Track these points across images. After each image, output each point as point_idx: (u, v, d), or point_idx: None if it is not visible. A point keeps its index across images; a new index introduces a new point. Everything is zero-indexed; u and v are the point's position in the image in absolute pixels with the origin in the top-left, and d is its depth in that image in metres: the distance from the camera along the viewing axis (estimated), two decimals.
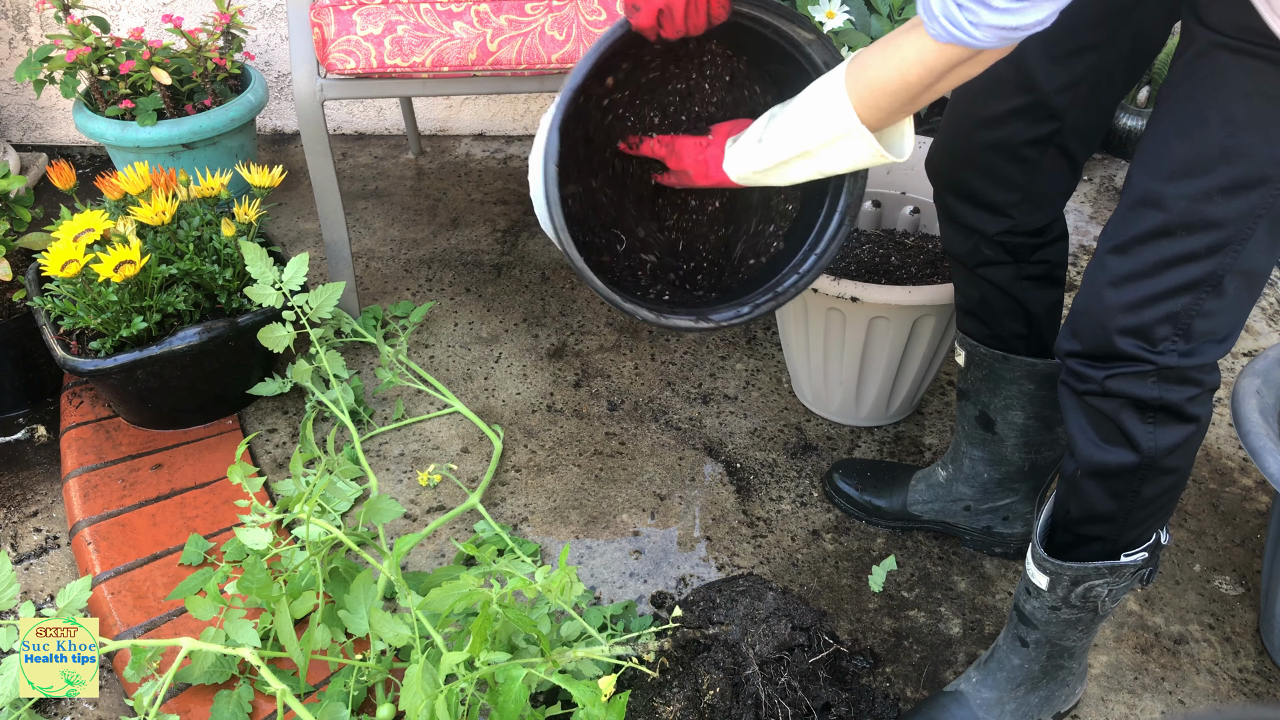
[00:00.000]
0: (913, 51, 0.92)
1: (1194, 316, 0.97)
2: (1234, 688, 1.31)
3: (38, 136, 2.69)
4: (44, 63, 2.02)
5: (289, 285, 1.59)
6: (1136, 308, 0.98)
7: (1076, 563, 1.10)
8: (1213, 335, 0.99)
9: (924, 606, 1.42)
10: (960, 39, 0.85)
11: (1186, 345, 0.98)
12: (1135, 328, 0.99)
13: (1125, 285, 0.98)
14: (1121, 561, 1.09)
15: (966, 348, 1.35)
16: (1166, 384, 1.00)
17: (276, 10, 2.53)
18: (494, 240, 2.26)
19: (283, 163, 2.32)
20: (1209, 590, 1.44)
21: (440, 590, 1.04)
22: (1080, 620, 1.16)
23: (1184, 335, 0.98)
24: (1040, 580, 1.14)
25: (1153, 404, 1.01)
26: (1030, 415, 1.34)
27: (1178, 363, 0.99)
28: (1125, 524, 1.09)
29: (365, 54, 1.64)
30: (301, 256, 1.60)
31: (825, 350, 1.63)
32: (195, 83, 2.11)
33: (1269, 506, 1.57)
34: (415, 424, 1.74)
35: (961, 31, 0.84)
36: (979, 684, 1.23)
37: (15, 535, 1.58)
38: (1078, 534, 1.12)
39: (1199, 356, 0.99)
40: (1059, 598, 1.13)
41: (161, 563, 1.46)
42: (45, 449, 1.74)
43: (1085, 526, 1.10)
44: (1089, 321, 1.02)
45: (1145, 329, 0.98)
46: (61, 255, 1.47)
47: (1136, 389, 1.01)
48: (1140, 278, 0.97)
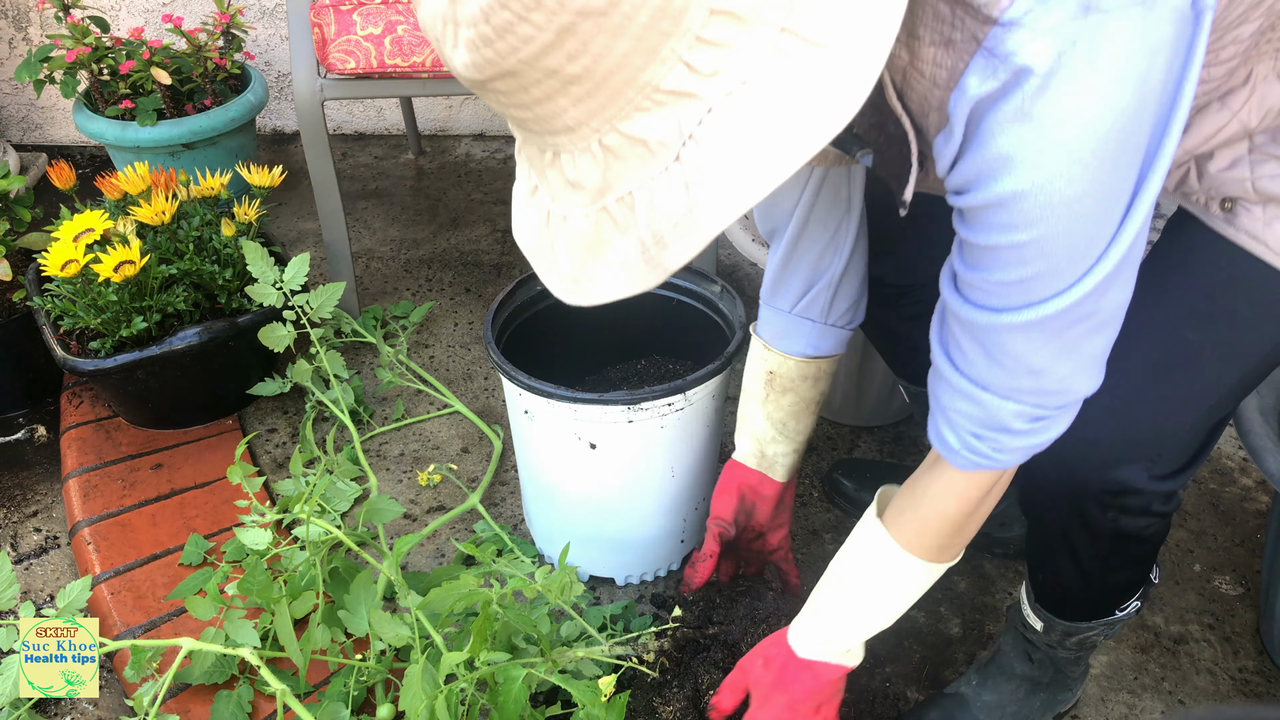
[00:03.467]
0: (942, 486, 0.91)
1: (1174, 443, 0.93)
2: (1234, 688, 1.31)
3: (38, 136, 2.69)
4: (44, 63, 2.02)
5: (290, 285, 1.59)
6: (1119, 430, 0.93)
7: (1069, 621, 1.12)
8: (1187, 463, 0.95)
9: (924, 606, 1.42)
10: (986, 465, 0.85)
11: (1160, 469, 0.94)
12: (1114, 445, 0.93)
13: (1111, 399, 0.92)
14: (1117, 616, 1.11)
15: (903, 388, 1.39)
16: (1125, 513, 0.96)
17: (276, 10, 2.53)
18: (494, 240, 2.26)
19: (283, 163, 2.33)
20: (1209, 590, 1.44)
21: (440, 590, 1.04)
22: (1080, 658, 1.19)
23: (1158, 459, 0.93)
24: (1036, 624, 1.15)
25: (1105, 530, 0.98)
26: None
27: (1145, 485, 0.93)
28: (1103, 601, 1.10)
29: (365, 54, 1.64)
30: (303, 256, 1.60)
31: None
32: (195, 83, 2.11)
33: (1269, 506, 1.57)
34: (415, 424, 1.74)
35: (987, 459, 0.84)
36: (979, 687, 1.23)
37: (15, 535, 1.58)
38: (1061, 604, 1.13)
39: (1169, 483, 0.94)
40: (1055, 640, 1.15)
41: (161, 563, 1.46)
42: (45, 449, 1.74)
43: (1064, 602, 1.12)
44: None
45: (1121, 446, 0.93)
46: (61, 255, 1.47)
47: (1092, 509, 0.96)
48: (1126, 390, 0.92)
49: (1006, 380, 0.78)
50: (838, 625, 1.01)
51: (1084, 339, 0.75)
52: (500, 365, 1.26)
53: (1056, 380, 0.77)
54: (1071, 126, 0.63)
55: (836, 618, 1.01)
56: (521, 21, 0.55)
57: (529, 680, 1.07)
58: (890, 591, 0.99)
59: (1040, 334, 0.74)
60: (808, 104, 0.57)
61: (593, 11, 0.54)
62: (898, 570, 0.97)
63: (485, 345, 1.31)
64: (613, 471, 1.30)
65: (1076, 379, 0.78)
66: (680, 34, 0.56)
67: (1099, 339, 0.77)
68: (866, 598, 1.00)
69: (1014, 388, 0.78)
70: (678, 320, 1.47)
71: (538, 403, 1.25)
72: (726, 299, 1.40)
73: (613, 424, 1.24)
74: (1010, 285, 0.72)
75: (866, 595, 1.00)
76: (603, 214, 0.64)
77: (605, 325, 1.50)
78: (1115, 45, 0.61)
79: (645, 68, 0.57)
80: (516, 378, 1.24)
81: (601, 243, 0.65)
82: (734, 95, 0.58)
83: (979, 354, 0.78)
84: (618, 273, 0.65)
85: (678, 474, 1.34)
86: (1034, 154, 0.64)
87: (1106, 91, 0.62)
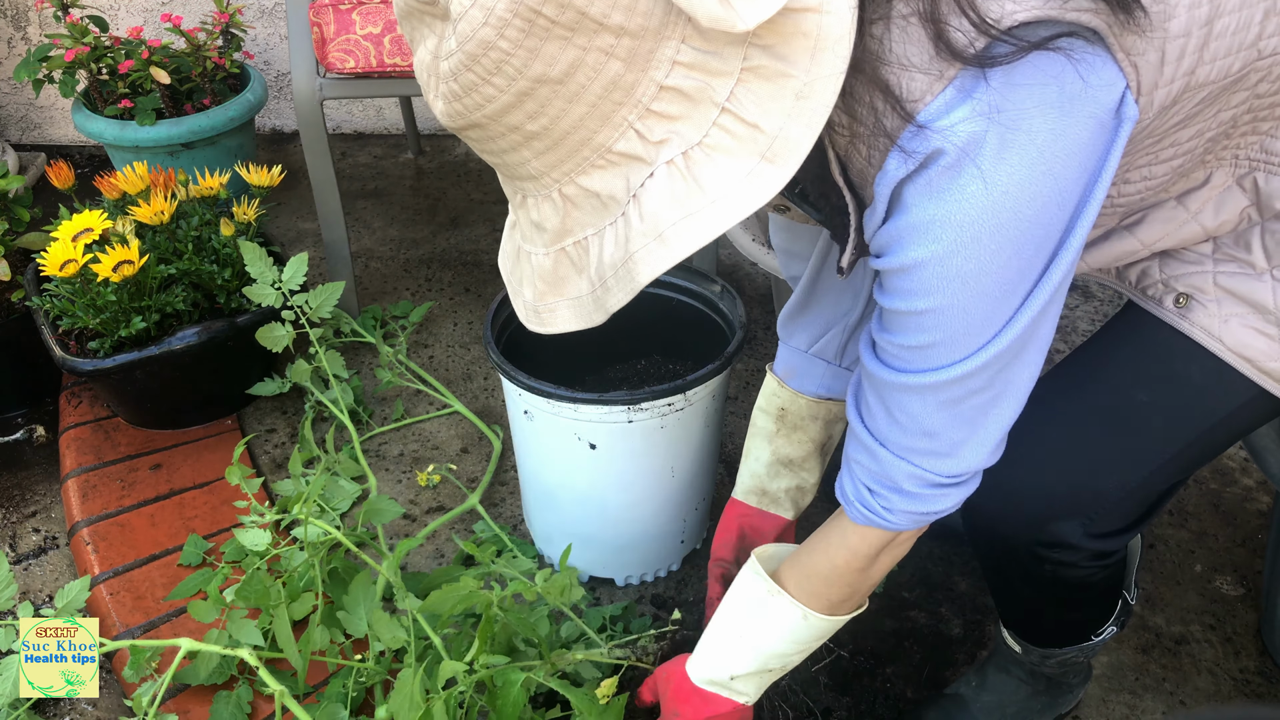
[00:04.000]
0: (836, 536, 0.94)
1: (1112, 504, 0.92)
2: (1235, 688, 1.31)
3: (36, 136, 2.69)
4: (43, 62, 2.01)
5: (288, 285, 1.59)
6: (1054, 485, 0.93)
7: (1043, 648, 1.12)
8: (1127, 527, 0.94)
9: (924, 607, 1.42)
10: (876, 522, 0.87)
11: (1098, 528, 0.93)
12: (1048, 499, 0.93)
13: (1052, 462, 0.93)
14: (1093, 641, 1.10)
15: None
16: (1063, 565, 0.95)
17: (276, 9, 2.52)
18: (493, 240, 2.25)
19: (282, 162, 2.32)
20: (1210, 591, 1.44)
21: (440, 593, 1.04)
22: (1069, 671, 1.19)
23: (1097, 518, 0.92)
24: (1015, 646, 1.16)
25: (1046, 578, 0.97)
26: None
27: (1080, 542, 0.93)
28: (1071, 631, 1.10)
29: (365, 53, 1.64)
30: (301, 256, 1.60)
31: None
32: (194, 82, 2.11)
33: (1270, 507, 1.57)
34: (415, 424, 1.73)
35: (876, 515, 0.86)
36: (979, 688, 1.23)
37: (14, 535, 1.58)
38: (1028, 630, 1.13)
39: (1106, 543, 0.94)
40: (1035, 662, 1.15)
41: (160, 563, 1.45)
42: (44, 449, 1.74)
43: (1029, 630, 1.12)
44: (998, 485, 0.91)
45: (1056, 501, 0.93)
46: (60, 255, 1.47)
47: (1026, 559, 0.96)
48: (1068, 458, 0.92)
49: (902, 439, 0.81)
50: (721, 663, 1.02)
51: (981, 412, 0.78)
52: (500, 365, 1.26)
53: (949, 445, 0.80)
54: (973, 207, 0.67)
55: (718, 653, 1.03)
56: (484, 84, 0.62)
57: (527, 684, 1.06)
58: (765, 633, 0.99)
59: (935, 398, 0.77)
60: (737, 177, 0.63)
61: (549, 79, 0.61)
62: (775, 613, 0.98)
63: (485, 345, 1.30)
64: (613, 471, 1.30)
65: (969, 450, 0.80)
66: (632, 104, 0.63)
67: (997, 413, 0.79)
68: (742, 637, 1.01)
69: (909, 447, 0.81)
70: (678, 320, 1.47)
71: (538, 403, 1.25)
72: (726, 299, 1.40)
73: (613, 424, 1.24)
74: (912, 350, 0.76)
75: (743, 635, 1.01)
76: (562, 254, 0.71)
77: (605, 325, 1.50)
78: (1027, 142, 0.65)
79: (599, 131, 0.64)
80: (516, 378, 1.24)
81: (560, 279, 0.73)
82: (674, 163, 0.64)
83: (881, 410, 0.82)
84: (572, 307, 0.73)
85: (678, 474, 1.34)
86: (938, 228, 0.68)
87: (1011, 182, 0.66)
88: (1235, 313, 0.87)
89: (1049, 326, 0.76)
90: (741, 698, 1.03)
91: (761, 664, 1.01)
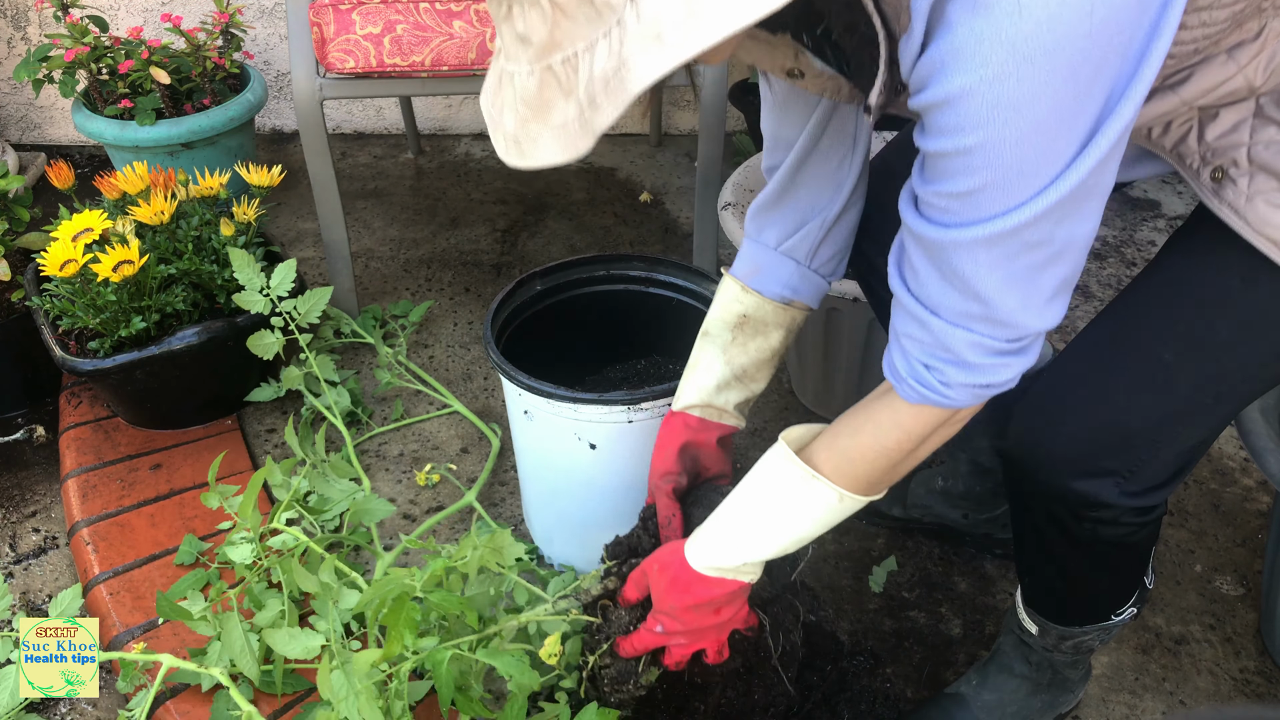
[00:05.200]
0: (887, 416, 0.88)
1: (1149, 458, 0.92)
2: (1235, 688, 1.31)
3: (36, 136, 2.69)
4: (43, 62, 2.01)
5: (276, 291, 1.58)
6: (1092, 435, 0.92)
7: (1063, 625, 1.11)
8: (1164, 481, 0.94)
9: (924, 607, 1.42)
10: (933, 399, 0.82)
11: (1134, 485, 0.93)
12: (1084, 455, 0.93)
13: (1088, 409, 0.93)
14: (1112, 621, 1.10)
15: None
16: (1101, 523, 0.96)
17: (276, 9, 2.52)
18: (494, 240, 2.25)
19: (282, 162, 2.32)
20: (1210, 591, 1.44)
21: (368, 593, 1.04)
22: (1078, 662, 1.18)
23: (1133, 475, 0.92)
24: (1031, 627, 1.15)
25: (1085, 538, 0.98)
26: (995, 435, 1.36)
27: (1117, 500, 0.93)
28: (1094, 606, 1.10)
29: (365, 53, 1.64)
30: (289, 263, 1.59)
31: (825, 350, 1.63)
32: (194, 82, 2.11)
33: (1270, 507, 1.56)
34: (414, 424, 1.73)
35: (933, 392, 0.81)
36: (979, 687, 1.23)
37: (14, 535, 1.58)
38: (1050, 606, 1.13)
39: (1144, 499, 0.94)
40: (1050, 644, 1.15)
41: (160, 563, 1.45)
42: (44, 449, 1.74)
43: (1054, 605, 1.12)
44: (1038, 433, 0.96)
45: (1092, 458, 0.93)
46: (60, 255, 1.47)
47: (1066, 518, 0.97)
48: (1105, 405, 0.92)
49: (956, 304, 0.76)
50: (735, 546, 0.97)
51: (1036, 271, 0.73)
52: (500, 365, 1.26)
53: (1005, 312, 0.75)
54: (1026, 22, 0.60)
55: (735, 539, 0.97)
56: None
57: (460, 661, 1.05)
58: (797, 517, 0.94)
59: (988, 255, 0.71)
60: None
61: None
62: (810, 497, 0.93)
63: (485, 345, 1.30)
64: (613, 471, 1.30)
65: (1026, 313, 0.75)
66: None
67: (1053, 273, 0.73)
68: (770, 522, 0.95)
69: (963, 313, 0.76)
70: (678, 320, 1.47)
71: (537, 403, 1.25)
72: None
73: (613, 424, 1.24)
74: (960, 199, 0.70)
75: (770, 519, 0.95)
76: (548, 73, 0.64)
77: (605, 325, 1.50)
78: None
79: None
80: (516, 378, 1.24)
81: (545, 104, 0.65)
82: None
83: (931, 274, 0.76)
84: (557, 135, 0.66)
85: None
86: (985, 48, 0.62)
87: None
88: (1263, 190, 0.84)
89: (1110, 175, 0.70)
90: (747, 577, 0.99)
91: (783, 548, 0.97)
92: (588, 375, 1.56)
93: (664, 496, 1.10)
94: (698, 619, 1.01)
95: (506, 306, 1.39)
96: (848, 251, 1.13)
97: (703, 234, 1.92)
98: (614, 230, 2.29)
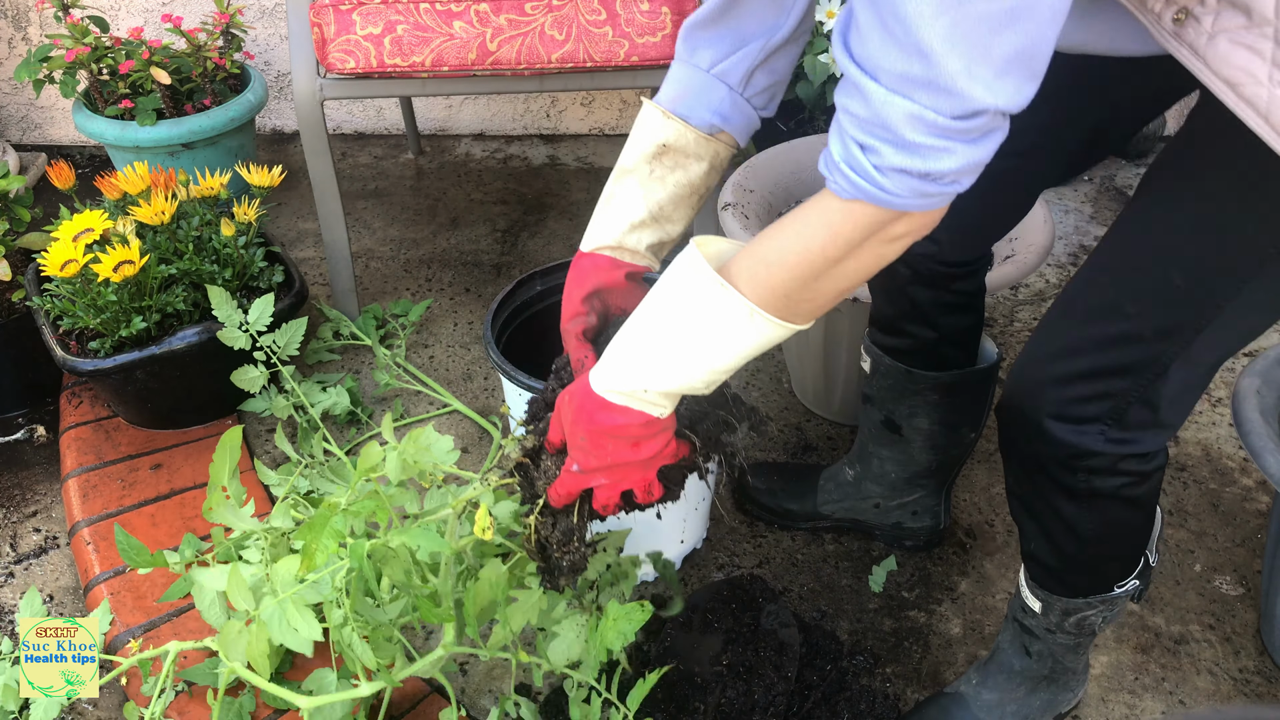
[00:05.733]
0: (815, 215, 0.78)
1: (1131, 403, 0.93)
2: (1234, 688, 1.31)
3: (37, 136, 2.69)
4: (43, 62, 2.02)
5: (255, 326, 1.58)
6: (1068, 382, 0.94)
7: (1067, 597, 1.11)
8: (1151, 425, 0.94)
9: (924, 607, 1.42)
10: (869, 191, 0.73)
11: (1119, 433, 0.94)
12: (1065, 401, 0.94)
13: (1064, 358, 0.95)
14: (1115, 593, 1.10)
15: (872, 355, 1.36)
16: (1095, 474, 0.96)
17: (276, 10, 2.53)
18: (494, 240, 2.26)
19: (282, 162, 2.32)
20: (1209, 590, 1.44)
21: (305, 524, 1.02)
22: (1079, 644, 1.17)
23: (1117, 420, 0.93)
24: (1034, 604, 1.14)
25: (1082, 491, 0.98)
26: (936, 420, 1.36)
27: (1104, 449, 0.94)
28: (1098, 573, 1.09)
29: (365, 53, 1.64)
30: (266, 298, 1.59)
31: (824, 350, 1.63)
32: (195, 82, 2.11)
33: (1269, 506, 1.57)
34: (414, 424, 1.74)
35: (868, 181, 0.72)
36: (979, 685, 1.23)
37: (15, 535, 1.58)
38: (1057, 576, 1.12)
39: (1133, 446, 0.95)
40: (1053, 622, 1.14)
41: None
42: (45, 449, 1.74)
43: (1061, 574, 1.11)
44: (1021, 388, 0.99)
45: (1074, 405, 0.94)
46: (61, 255, 1.47)
47: (1061, 474, 0.98)
48: (1079, 353, 0.93)
49: (896, 63, 0.68)
50: (632, 368, 0.87)
51: (987, 28, 0.65)
52: (500, 365, 1.26)
53: (949, 75, 0.66)
54: None
55: (632, 360, 0.87)
56: None
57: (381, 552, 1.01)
58: (698, 336, 0.84)
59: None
60: None
61: None
62: (713, 310, 0.83)
63: (485, 345, 1.30)
64: None
65: (972, 81, 0.67)
66: None
67: (1007, 39, 0.66)
68: (669, 340, 0.85)
69: (904, 75, 0.68)
70: None
71: None
72: None
73: None
74: None
75: (670, 337, 0.85)
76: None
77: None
78: None
79: None
80: (516, 378, 1.24)
81: None
82: None
83: (872, 25, 0.68)
84: None
85: None
86: None
87: None
88: (1227, 27, 0.78)
89: None
90: (655, 410, 0.88)
91: (687, 376, 0.86)
92: None
93: (573, 339, 1.02)
94: (613, 453, 0.92)
95: (506, 306, 1.39)
96: (783, 88, 1.04)
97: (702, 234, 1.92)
98: None
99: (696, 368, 0.85)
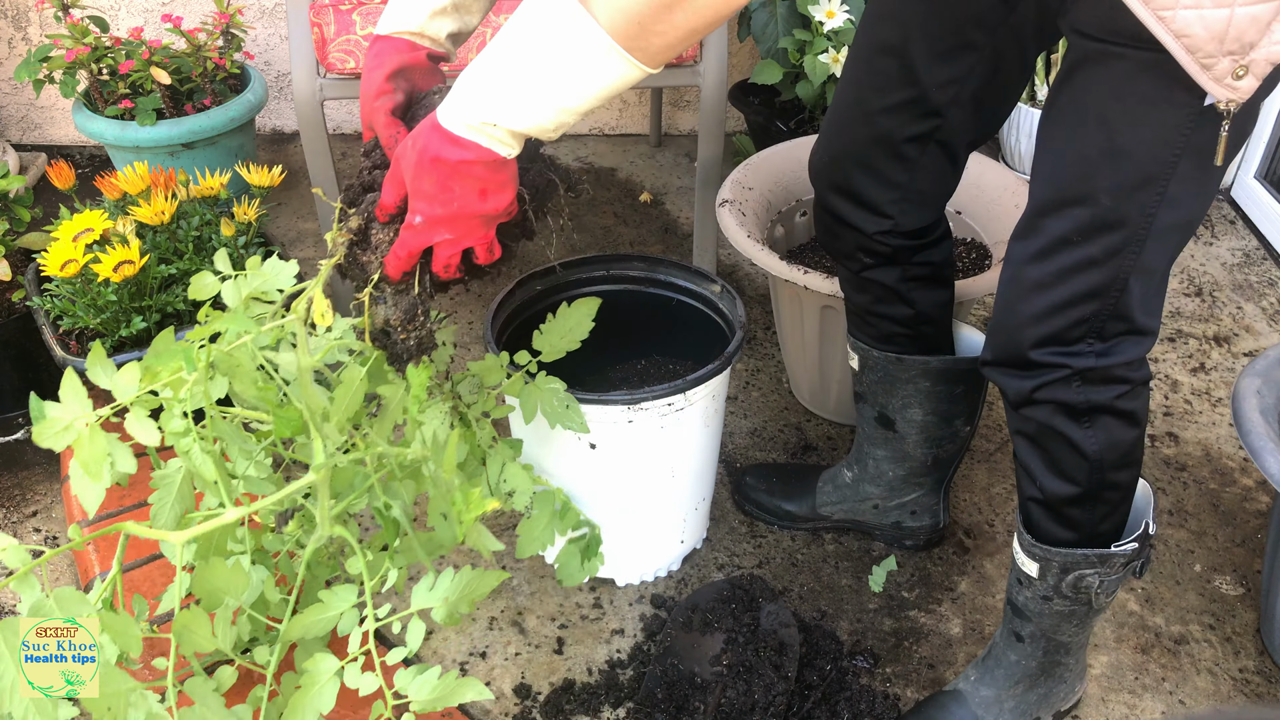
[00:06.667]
0: None
1: (1105, 319, 0.99)
2: (1234, 688, 1.31)
3: (37, 136, 2.69)
4: (43, 62, 2.02)
5: None
6: (1046, 317, 1.00)
7: (1065, 549, 1.10)
8: (1129, 332, 1.00)
9: (924, 607, 1.42)
10: None
11: (1103, 345, 1.00)
12: (1048, 336, 1.01)
13: (1033, 296, 1.00)
14: (1111, 551, 1.09)
15: (859, 352, 1.37)
16: (1090, 385, 1.02)
17: (276, 10, 2.53)
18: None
19: (282, 162, 2.32)
20: (1209, 590, 1.44)
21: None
22: (1074, 613, 1.15)
23: (1098, 335, 1.00)
24: (1030, 568, 1.13)
25: (1081, 407, 1.03)
26: (929, 411, 1.36)
27: (1096, 363, 1.01)
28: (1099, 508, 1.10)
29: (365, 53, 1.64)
30: None
31: (821, 349, 1.63)
32: (195, 82, 2.11)
33: (1269, 506, 1.57)
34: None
35: None
36: (977, 682, 1.23)
37: (15, 535, 1.58)
38: (1060, 514, 1.12)
39: (1118, 355, 1.01)
40: (1050, 586, 1.13)
41: (161, 563, 1.45)
42: (45, 449, 1.74)
43: (1065, 508, 1.11)
44: (1002, 335, 1.05)
45: (1058, 335, 1.00)
46: (61, 255, 1.47)
47: (1062, 394, 1.03)
48: (1046, 288, 0.99)
49: None
50: (482, 96, 0.84)
51: None
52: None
53: None
54: None
55: (482, 88, 0.84)
56: None
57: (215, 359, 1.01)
58: (548, 62, 0.82)
59: None
60: None
61: None
62: (563, 32, 0.80)
63: (485, 345, 1.30)
64: (613, 471, 1.30)
65: None
66: None
67: None
68: (518, 65, 0.83)
69: None
70: (678, 320, 1.47)
71: None
72: (726, 299, 1.40)
73: (613, 424, 1.24)
74: None
75: (520, 62, 0.83)
76: None
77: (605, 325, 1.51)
78: None
79: None
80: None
81: None
82: None
83: None
84: None
85: (677, 474, 1.34)
86: None
87: None
88: None
89: None
90: (504, 149, 0.86)
91: (532, 115, 0.84)
92: (588, 375, 1.56)
93: (383, 115, 0.99)
94: (460, 198, 0.89)
95: (506, 306, 1.39)
96: None
97: (703, 234, 1.93)
98: (614, 230, 2.29)
99: (547, 104, 0.83)
